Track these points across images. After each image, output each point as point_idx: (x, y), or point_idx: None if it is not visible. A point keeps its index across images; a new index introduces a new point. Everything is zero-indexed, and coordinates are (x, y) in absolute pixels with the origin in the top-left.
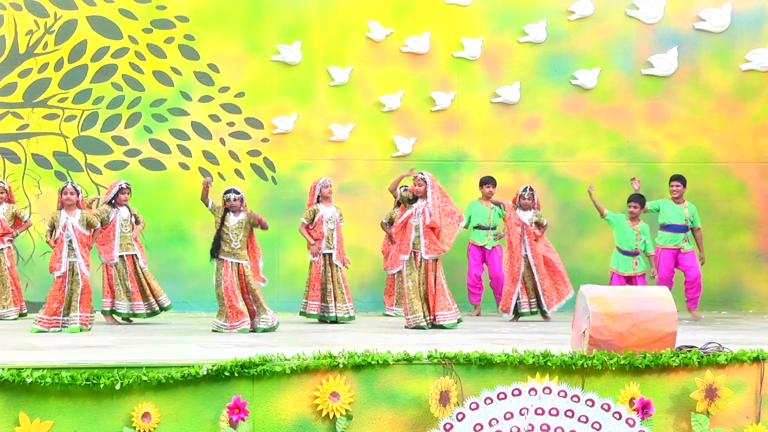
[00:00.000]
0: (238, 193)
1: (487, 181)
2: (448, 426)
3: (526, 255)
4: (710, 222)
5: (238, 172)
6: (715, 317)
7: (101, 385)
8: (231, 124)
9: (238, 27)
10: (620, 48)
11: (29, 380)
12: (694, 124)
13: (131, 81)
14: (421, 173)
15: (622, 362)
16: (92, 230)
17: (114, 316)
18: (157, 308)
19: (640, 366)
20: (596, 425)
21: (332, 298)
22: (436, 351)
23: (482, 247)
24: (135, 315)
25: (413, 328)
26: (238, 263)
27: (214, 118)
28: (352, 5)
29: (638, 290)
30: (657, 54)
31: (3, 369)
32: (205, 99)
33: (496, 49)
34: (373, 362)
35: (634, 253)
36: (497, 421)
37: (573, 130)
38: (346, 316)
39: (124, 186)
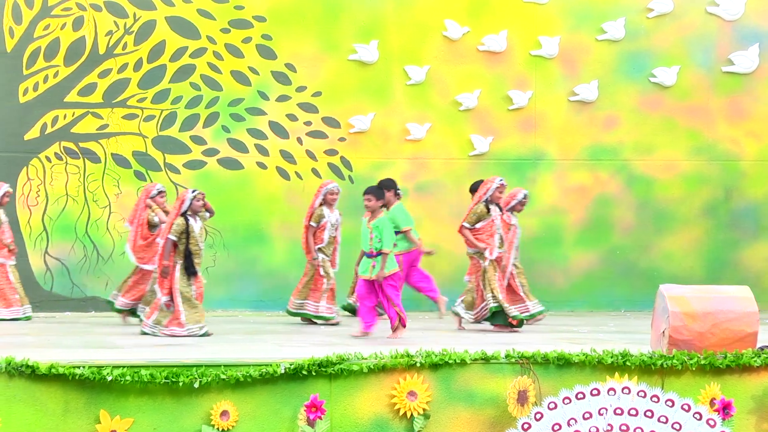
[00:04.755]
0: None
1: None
2: (526, 425)
3: None
4: None
5: (315, 171)
6: None
7: (180, 383)
8: (308, 123)
9: (315, 26)
10: (700, 45)
11: (109, 378)
12: None
13: (209, 81)
14: (504, 180)
15: (702, 362)
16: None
17: None
18: None
19: (721, 366)
20: (676, 426)
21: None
22: (514, 350)
23: None
24: None
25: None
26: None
27: (292, 117)
28: (429, 4)
29: (719, 290)
30: (738, 51)
31: (84, 367)
32: (283, 98)
33: (574, 47)
34: (450, 361)
35: (369, 255)
36: (576, 421)
37: (651, 128)
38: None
39: None
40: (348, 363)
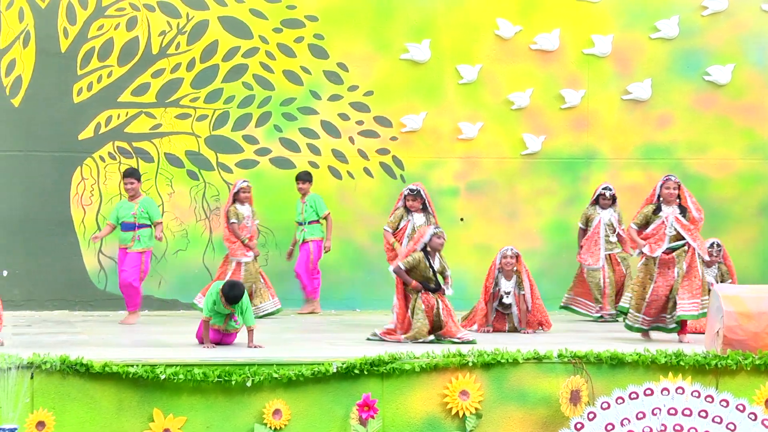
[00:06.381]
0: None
1: (300, 177)
2: (579, 425)
3: None
4: None
5: (366, 171)
6: None
7: (233, 382)
8: (360, 122)
9: (367, 26)
10: (755, 43)
11: (162, 377)
12: None
13: (261, 80)
14: (672, 176)
15: (757, 362)
16: None
17: None
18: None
19: None
20: (731, 426)
21: None
22: (567, 350)
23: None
24: None
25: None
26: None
27: (343, 116)
28: (481, 3)
29: None
30: None
31: (137, 366)
32: (335, 98)
33: (627, 46)
34: (502, 361)
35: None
36: (629, 421)
37: (705, 127)
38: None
39: None
40: (400, 362)
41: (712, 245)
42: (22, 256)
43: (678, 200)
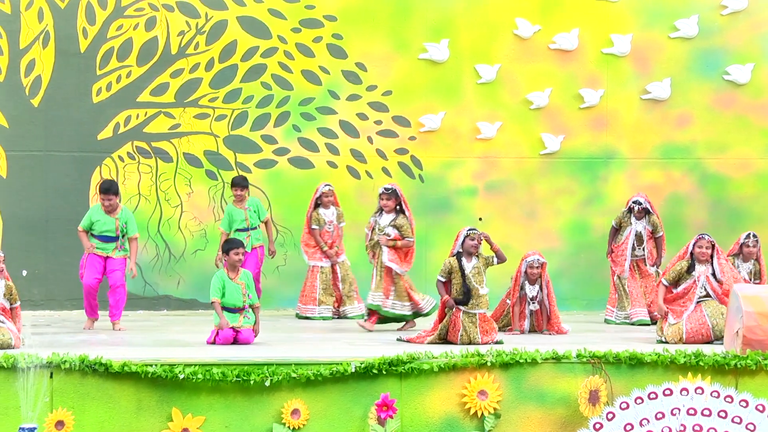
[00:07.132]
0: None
1: (239, 183)
2: (597, 425)
3: None
4: None
5: (385, 171)
6: None
7: (251, 382)
8: (378, 122)
9: (385, 25)
10: None
11: (181, 376)
12: None
13: (280, 80)
14: (705, 235)
15: None
16: None
17: None
18: None
19: None
20: (750, 426)
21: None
22: (585, 350)
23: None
24: None
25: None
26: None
27: (362, 116)
28: (499, 2)
29: None
30: None
31: (156, 365)
32: (353, 98)
33: (646, 45)
34: (521, 360)
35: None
36: (648, 421)
37: (725, 126)
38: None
39: None
40: (418, 362)
41: (749, 236)
42: (42, 256)
43: (711, 260)
